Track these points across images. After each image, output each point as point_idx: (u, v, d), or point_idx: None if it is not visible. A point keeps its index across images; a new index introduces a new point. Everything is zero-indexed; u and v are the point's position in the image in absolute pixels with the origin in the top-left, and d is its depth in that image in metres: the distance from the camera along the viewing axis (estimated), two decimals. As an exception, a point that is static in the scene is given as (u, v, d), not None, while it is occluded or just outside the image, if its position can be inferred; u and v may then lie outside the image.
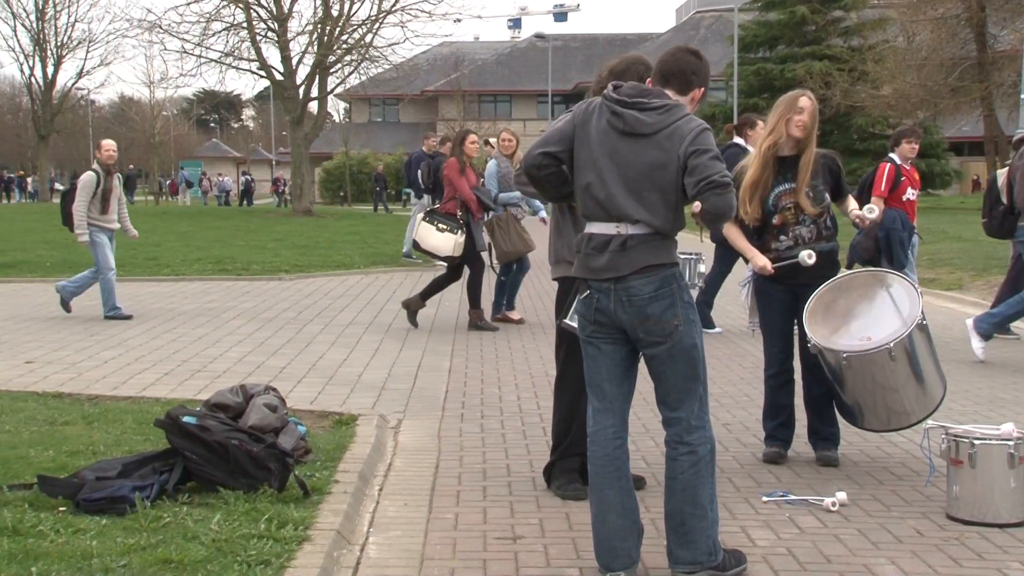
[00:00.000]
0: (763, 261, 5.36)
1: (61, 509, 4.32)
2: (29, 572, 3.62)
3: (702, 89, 4.05)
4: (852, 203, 5.65)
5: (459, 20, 67.16)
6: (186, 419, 4.75)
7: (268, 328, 10.16)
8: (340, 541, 4.18)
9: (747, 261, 5.54)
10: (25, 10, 58.83)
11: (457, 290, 13.76)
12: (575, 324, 4.04)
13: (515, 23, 78.25)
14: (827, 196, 5.45)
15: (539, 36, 59.16)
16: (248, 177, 59.02)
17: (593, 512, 3.93)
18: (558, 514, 4.70)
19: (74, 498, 4.37)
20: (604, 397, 3.95)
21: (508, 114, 63.56)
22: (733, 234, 5.53)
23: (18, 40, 64.62)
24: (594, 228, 3.90)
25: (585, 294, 3.93)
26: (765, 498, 4.91)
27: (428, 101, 62.73)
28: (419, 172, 17.86)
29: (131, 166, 65.00)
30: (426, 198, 18.25)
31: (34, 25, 58.14)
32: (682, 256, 4.21)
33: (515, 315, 10.82)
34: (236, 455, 4.63)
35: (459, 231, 10.11)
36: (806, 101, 5.37)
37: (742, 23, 40.58)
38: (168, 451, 4.75)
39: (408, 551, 4.23)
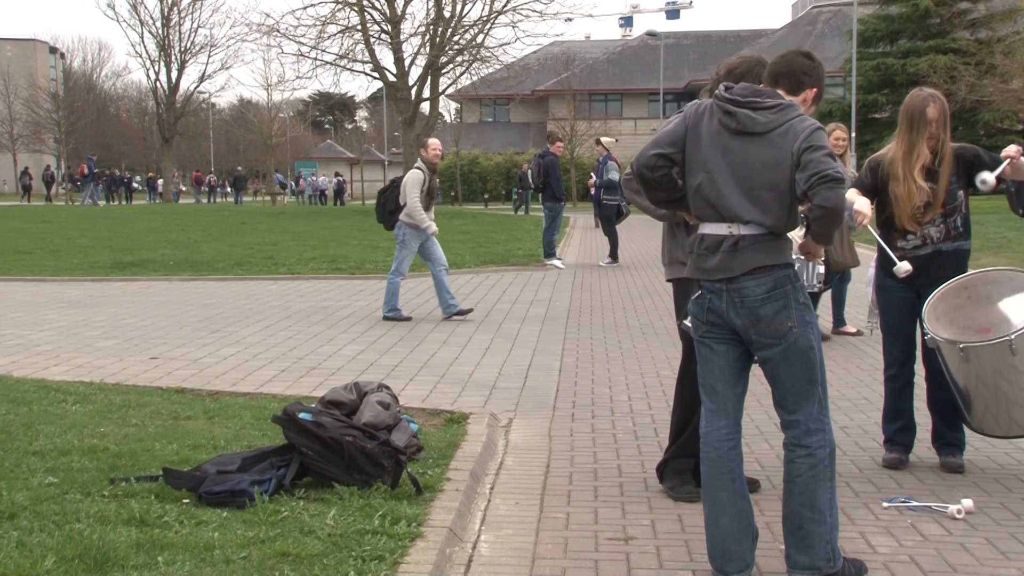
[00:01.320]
0: (862, 204, 5.19)
1: (185, 501, 4.45)
2: (156, 561, 3.73)
3: (815, 90, 3.99)
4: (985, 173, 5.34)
5: (570, 19, 67.17)
6: (302, 415, 4.84)
7: (380, 326, 10.30)
8: (452, 538, 4.21)
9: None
10: (152, 17, 61.06)
11: (567, 290, 13.76)
12: (691, 324, 4.00)
13: (626, 21, 77.85)
14: (960, 194, 5.28)
15: (651, 34, 58.73)
16: (340, 178, 60.06)
17: (706, 514, 3.88)
18: (670, 515, 4.65)
19: (196, 491, 4.49)
20: (717, 398, 3.90)
21: (619, 113, 63.31)
22: (851, 194, 5.43)
23: (145, 46, 66.81)
24: (706, 229, 3.86)
25: (697, 295, 3.90)
26: (886, 504, 4.77)
27: (538, 101, 62.85)
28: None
29: (239, 168, 66.70)
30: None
31: (160, 31, 60.22)
32: (800, 256, 4.12)
33: (850, 328, 9.75)
34: (350, 451, 4.69)
35: None
36: (933, 111, 5.19)
37: (861, 17, 39.60)
38: (285, 447, 4.84)
39: (519, 550, 4.23)
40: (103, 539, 3.89)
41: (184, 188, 64.58)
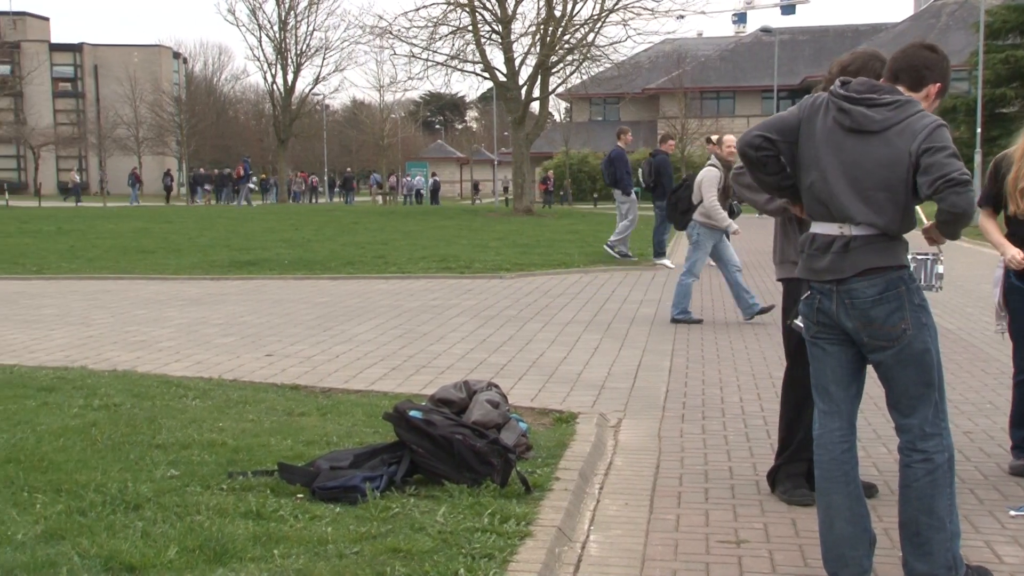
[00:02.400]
0: (1015, 253, 5.04)
1: (299, 496, 4.53)
2: (271, 554, 3.81)
3: (938, 85, 3.85)
4: None
5: (682, 17, 66.56)
6: (412, 413, 4.89)
7: (489, 325, 10.35)
8: (561, 538, 4.20)
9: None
10: (269, 21, 62.53)
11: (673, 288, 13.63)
12: (802, 324, 3.91)
13: (740, 18, 76.77)
14: None
15: (765, 30, 57.81)
16: (436, 178, 60.62)
17: (820, 518, 3.80)
18: (783, 519, 4.57)
19: (310, 486, 4.57)
20: (830, 400, 3.82)
21: (731, 111, 62.49)
22: (989, 227, 5.26)
23: (263, 50, 68.59)
24: (818, 228, 3.77)
25: (807, 295, 3.82)
26: (1013, 512, 4.60)
27: (649, 99, 62.45)
28: (620, 169, 17.91)
29: (348, 168, 67.84)
30: (634, 195, 18.30)
31: (277, 35, 61.69)
32: (918, 256, 4.00)
33: None
34: (460, 450, 4.72)
35: None
36: None
37: (989, 8, 38.21)
38: (396, 444, 4.90)
39: (629, 551, 4.20)
40: (222, 531, 3.99)
41: (304, 188, 66.03)
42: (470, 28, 34.94)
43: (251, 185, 61.92)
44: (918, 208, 3.82)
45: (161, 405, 6.29)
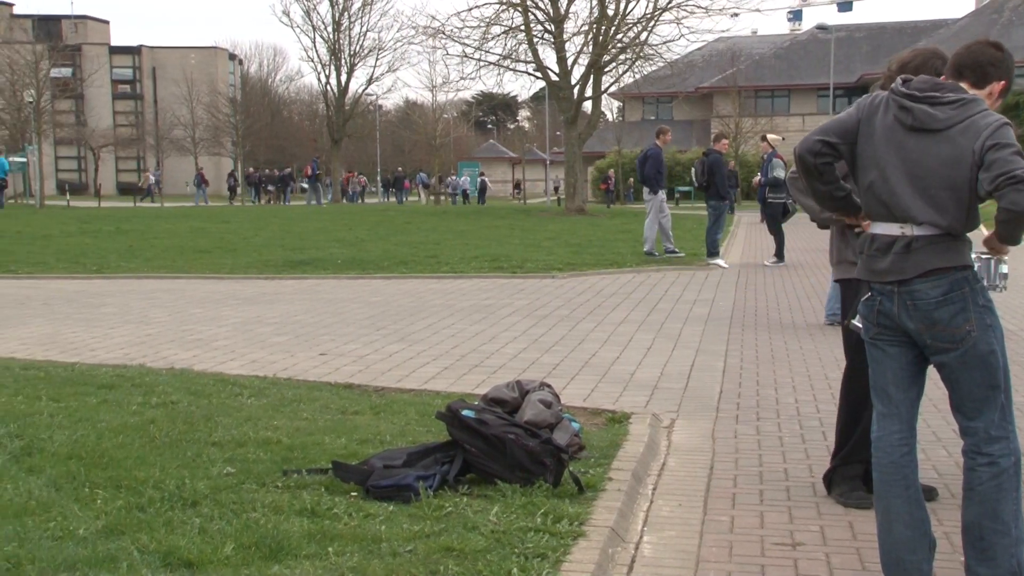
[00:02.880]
0: None
1: (353, 494, 4.56)
2: (326, 552, 3.84)
3: (1003, 83, 3.78)
4: None
5: (736, 15, 66.07)
6: (465, 413, 4.90)
7: (542, 325, 10.34)
8: (615, 538, 4.18)
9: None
10: (323, 22, 63.08)
11: (730, 290, 13.53)
12: (860, 325, 3.86)
13: (795, 15, 76.03)
14: None
15: (821, 27, 57.14)
16: (484, 178, 60.73)
17: (879, 521, 3.74)
18: (840, 522, 4.51)
19: (364, 484, 4.60)
20: (890, 402, 3.76)
21: (786, 109, 61.91)
22: None
23: (316, 51, 69.33)
24: (878, 228, 3.72)
25: (867, 295, 3.77)
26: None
27: (702, 98, 62.07)
28: (650, 167, 17.93)
29: (399, 168, 68.20)
30: (662, 193, 18.26)
31: (331, 36, 62.19)
32: (982, 256, 3.93)
33: None
34: (513, 449, 4.72)
35: None
36: None
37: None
38: (449, 443, 4.91)
39: (683, 552, 4.17)
40: (277, 528, 4.03)
41: (360, 188, 66.58)
42: (522, 28, 34.96)
43: (303, 185, 62.65)
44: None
45: (217, 403, 6.36)
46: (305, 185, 64.52)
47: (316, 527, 4.09)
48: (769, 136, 18.50)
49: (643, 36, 35.11)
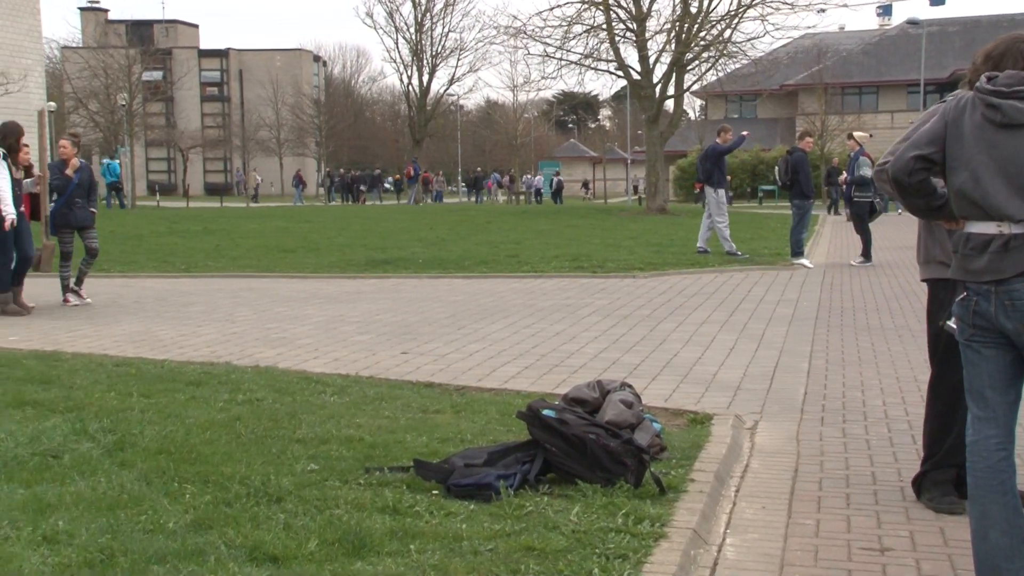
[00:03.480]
0: None
1: (434, 492, 4.58)
2: (408, 549, 3.87)
3: None
4: None
5: (823, 11, 64.71)
6: (546, 412, 4.89)
7: (623, 325, 10.29)
8: (697, 540, 4.14)
9: None
10: (406, 23, 63.67)
11: (815, 290, 13.32)
12: (955, 327, 3.76)
13: (885, 10, 74.35)
14: None
15: (912, 22, 55.88)
16: (559, 178, 60.63)
17: (973, 528, 3.64)
18: (931, 528, 4.40)
19: (445, 482, 4.62)
20: (986, 405, 3.66)
21: (874, 106, 60.69)
22: None
23: (399, 52, 69.83)
24: (973, 228, 3.62)
25: (962, 296, 3.67)
26: None
27: (787, 96, 61.15)
28: (710, 165, 17.80)
29: (478, 168, 68.45)
30: (720, 192, 18.08)
31: (413, 37, 62.75)
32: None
33: None
34: (593, 449, 4.71)
35: None
36: None
37: None
38: (529, 442, 4.91)
39: (767, 555, 4.11)
40: (360, 525, 4.07)
41: (444, 187, 67.16)
42: (604, 26, 34.82)
43: (387, 185, 63.46)
44: None
45: (301, 401, 6.45)
46: (389, 185, 65.37)
47: (398, 524, 4.12)
48: (856, 134, 18.17)
49: (727, 34, 34.73)
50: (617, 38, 35.21)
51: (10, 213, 10.92)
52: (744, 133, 18.94)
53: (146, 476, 4.73)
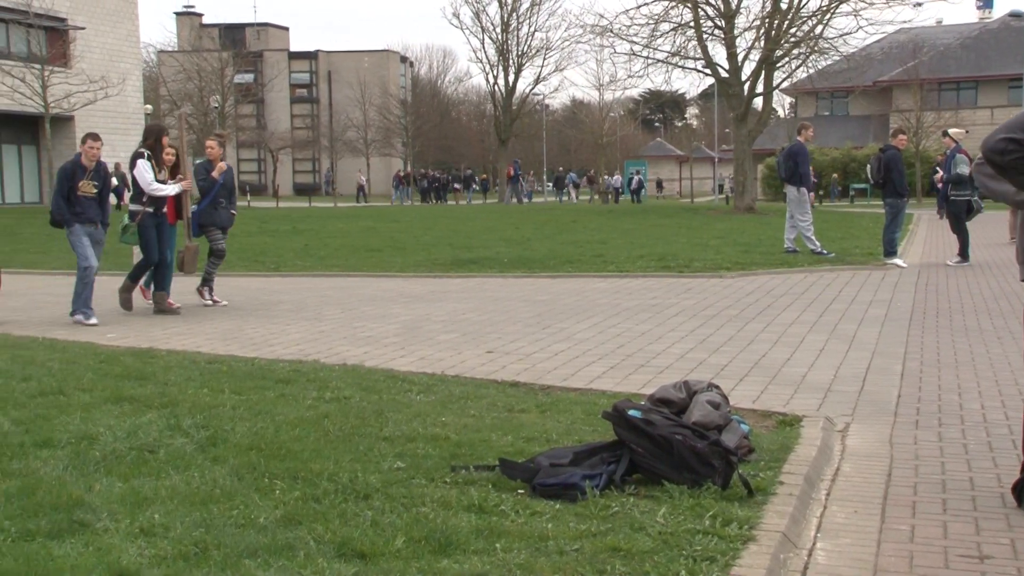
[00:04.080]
0: None
1: (520, 491, 4.58)
2: (494, 548, 3.87)
3: None
4: None
5: (919, 4, 63.19)
6: (631, 412, 4.86)
7: (709, 325, 10.18)
8: (786, 544, 4.07)
9: None
10: (492, 23, 63.84)
11: (910, 290, 13.01)
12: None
13: (985, 3, 72.35)
14: None
15: (1014, 14, 54.23)
16: (639, 177, 60.19)
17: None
18: (1031, 537, 4.26)
19: (530, 482, 4.61)
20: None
21: (973, 102, 59.02)
22: None
23: (485, 52, 70.00)
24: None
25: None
26: None
27: (881, 92, 59.88)
28: (791, 164, 17.49)
29: (560, 168, 68.32)
30: (803, 191, 17.73)
31: (499, 37, 62.92)
32: None
33: None
34: (680, 450, 4.66)
35: None
36: None
37: None
38: (615, 443, 4.88)
39: (859, 560, 4.02)
40: (446, 523, 4.09)
41: (538, 188, 67.31)
42: (692, 24, 34.54)
43: (475, 186, 63.90)
44: None
45: (387, 399, 6.50)
46: (475, 186, 65.83)
47: (484, 523, 4.12)
48: (951, 131, 17.73)
49: (818, 30, 34.16)
50: (705, 35, 34.88)
51: (168, 190, 11.22)
52: None
53: (237, 471, 4.82)
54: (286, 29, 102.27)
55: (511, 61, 63.48)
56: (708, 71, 35.93)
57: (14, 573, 3.59)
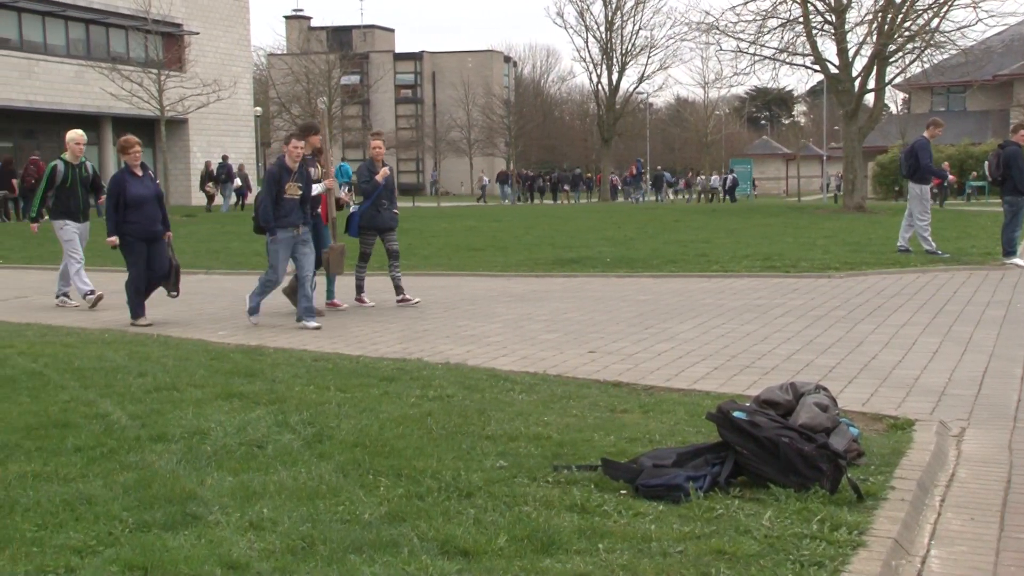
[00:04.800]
0: None
1: (622, 492, 4.56)
2: (596, 548, 3.86)
3: None
4: None
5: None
6: (736, 414, 4.79)
7: (817, 326, 9.98)
8: (898, 550, 3.96)
9: None
10: (596, 22, 63.69)
11: (1028, 290, 12.56)
12: None
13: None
14: None
15: None
16: (733, 175, 59.30)
17: None
18: None
19: (633, 482, 4.59)
20: None
21: (1107, 94, 56.59)
22: None
23: (589, 51, 69.70)
24: None
25: None
26: None
27: (1001, 86, 57.85)
28: (914, 160, 16.95)
29: (659, 167, 67.76)
30: (924, 189, 17.17)
31: (603, 35, 62.71)
32: None
33: None
34: (786, 453, 4.58)
35: None
36: None
37: None
38: (720, 444, 4.82)
39: (976, 569, 3.89)
40: (548, 523, 4.08)
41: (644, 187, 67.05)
42: (801, 20, 33.85)
43: (583, 185, 63.94)
44: None
45: (490, 398, 6.53)
46: (583, 186, 65.98)
47: (586, 523, 4.11)
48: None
49: (934, 23, 33.14)
50: (814, 31, 34.15)
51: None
52: None
53: (343, 468, 4.89)
54: (392, 31, 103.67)
55: (615, 60, 63.19)
56: (817, 67, 35.17)
57: (132, 563, 3.70)
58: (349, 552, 3.81)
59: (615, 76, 63.33)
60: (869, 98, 36.23)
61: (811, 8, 33.79)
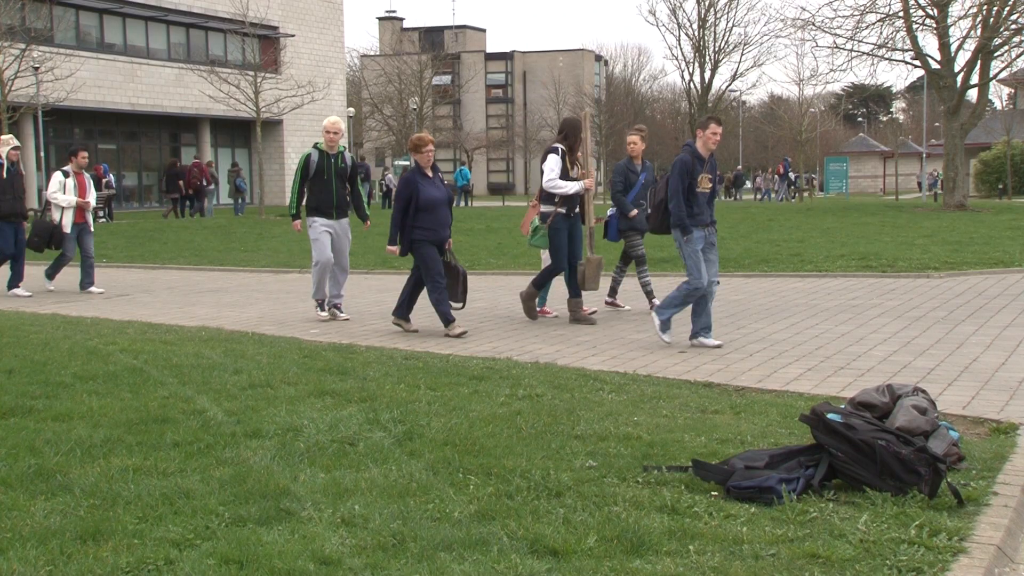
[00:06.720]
0: None
1: (713, 494, 4.51)
2: (687, 549, 3.82)
3: None
4: None
5: None
6: (831, 416, 4.71)
7: (915, 327, 9.74)
8: (1001, 558, 3.85)
9: None
10: (688, 20, 63.08)
11: None
12: None
13: None
14: None
15: None
16: (810, 175, 58.25)
17: None
18: None
19: (724, 484, 4.53)
20: None
21: None
22: None
23: (681, 49, 69.03)
24: None
25: None
26: None
27: (1110, 80, 55.86)
28: None
29: (738, 167, 66.72)
30: None
31: (696, 33, 62.10)
32: None
33: None
34: (883, 456, 4.48)
35: None
36: None
37: None
38: (813, 446, 4.74)
39: (1081, 582, 3.77)
40: (638, 523, 4.06)
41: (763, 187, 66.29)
42: (900, 14, 33.08)
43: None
44: None
45: (579, 397, 6.52)
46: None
47: (676, 524, 4.08)
48: None
49: (1043, 15, 32.08)
50: (915, 25, 33.34)
51: (570, 188, 10.31)
52: None
53: (433, 466, 4.92)
54: (483, 31, 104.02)
55: (707, 57, 62.45)
56: (917, 63, 34.32)
57: (228, 556, 3.78)
58: (439, 550, 3.83)
59: (707, 74, 62.61)
60: (972, 93, 35.24)
61: (912, 2, 33.00)
